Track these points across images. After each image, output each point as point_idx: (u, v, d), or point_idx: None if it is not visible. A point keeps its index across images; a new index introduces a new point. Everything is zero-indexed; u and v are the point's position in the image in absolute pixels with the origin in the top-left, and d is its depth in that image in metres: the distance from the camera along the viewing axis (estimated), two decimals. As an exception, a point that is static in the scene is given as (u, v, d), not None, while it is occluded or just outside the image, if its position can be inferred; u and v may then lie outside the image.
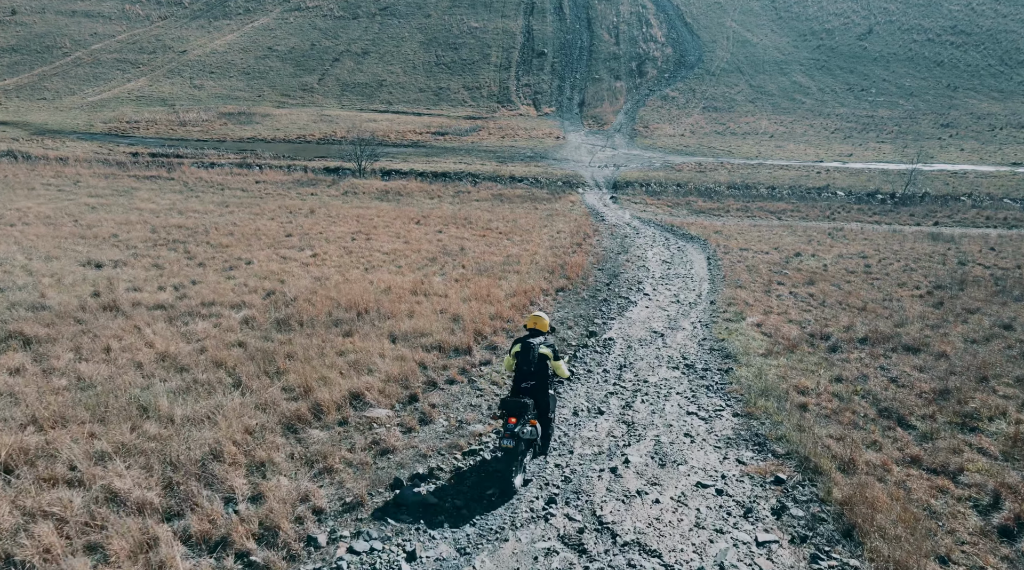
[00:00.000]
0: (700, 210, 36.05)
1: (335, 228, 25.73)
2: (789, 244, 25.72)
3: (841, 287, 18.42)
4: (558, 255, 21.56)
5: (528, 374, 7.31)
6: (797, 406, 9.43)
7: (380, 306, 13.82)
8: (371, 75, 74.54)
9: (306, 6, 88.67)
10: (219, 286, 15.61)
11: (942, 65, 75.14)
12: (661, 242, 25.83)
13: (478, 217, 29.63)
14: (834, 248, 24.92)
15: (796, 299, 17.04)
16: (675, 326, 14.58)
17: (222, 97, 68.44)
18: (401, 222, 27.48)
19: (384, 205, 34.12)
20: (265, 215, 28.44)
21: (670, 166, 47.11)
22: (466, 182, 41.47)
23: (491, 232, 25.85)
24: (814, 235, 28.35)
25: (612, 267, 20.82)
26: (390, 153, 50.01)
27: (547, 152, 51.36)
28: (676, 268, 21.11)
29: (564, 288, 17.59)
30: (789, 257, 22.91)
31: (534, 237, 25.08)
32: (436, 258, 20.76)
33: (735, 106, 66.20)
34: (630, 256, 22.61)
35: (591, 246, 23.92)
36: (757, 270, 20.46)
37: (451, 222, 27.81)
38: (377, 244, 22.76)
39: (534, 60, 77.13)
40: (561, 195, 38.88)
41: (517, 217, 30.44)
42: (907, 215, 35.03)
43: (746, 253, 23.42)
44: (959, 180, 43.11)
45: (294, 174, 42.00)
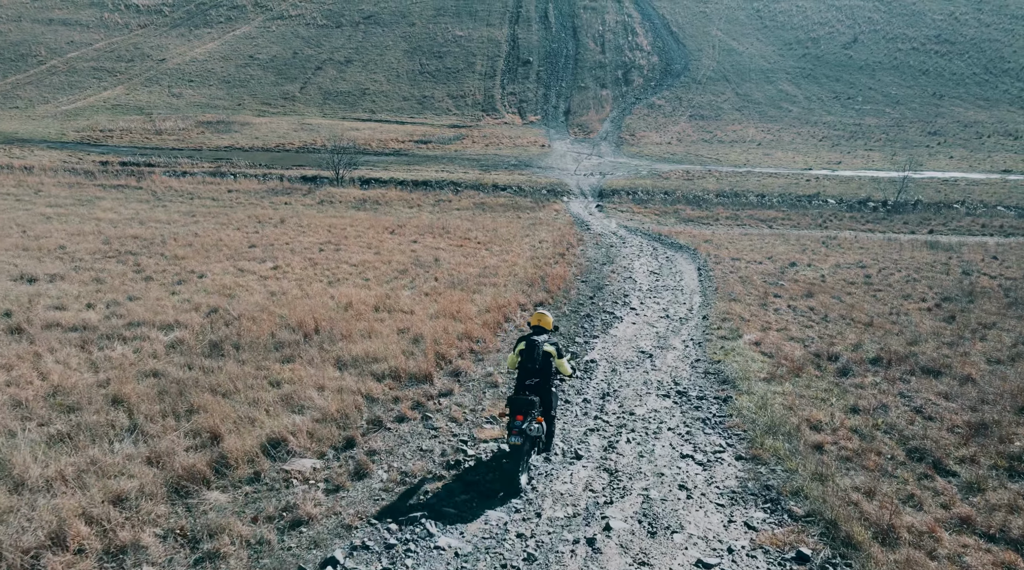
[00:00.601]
0: (689, 218, 34.68)
1: (303, 238, 24.08)
2: (783, 253, 24.33)
3: (842, 300, 16.97)
4: (539, 266, 20.02)
5: (532, 371, 7.26)
6: (811, 446, 7.88)
7: (334, 325, 12.19)
8: (354, 83, 73.01)
9: (289, 15, 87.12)
10: (158, 303, 13.93)
11: (927, 73, 74.63)
12: (649, 252, 24.36)
13: (457, 226, 28.07)
14: (830, 257, 23.55)
15: (795, 313, 15.56)
16: (665, 345, 13.05)
17: (201, 106, 66.63)
18: (375, 232, 25.87)
19: (360, 214, 32.50)
20: (231, 225, 26.74)
21: (657, 174, 45.81)
22: (447, 191, 39.93)
23: (469, 242, 24.28)
24: (808, 244, 27.00)
25: (596, 279, 19.29)
26: (370, 161, 48.42)
27: (532, 160, 49.96)
28: (665, 279, 19.62)
29: (544, 302, 16.03)
30: (784, 267, 21.49)
31: (514, 247, 23.54)
32: (407, 270, 19.16)
33: (722, 114, 65.18)
34: (616, 267, 21.11)
35: (574, 256, 22.41)
36: (751, 281, 19.00)
37: (428, 232, 26.23)
38: (346, 255, 21.14)
39: (519, 68, 75.93)
40: (545, 204, 37.42)
41: (498, 226, 28.91)
42: (901, 223, 33.81)
43: (738, 263, 21.98)
44: (950, 187, 42.06)
45: (269, 183, 40.28)
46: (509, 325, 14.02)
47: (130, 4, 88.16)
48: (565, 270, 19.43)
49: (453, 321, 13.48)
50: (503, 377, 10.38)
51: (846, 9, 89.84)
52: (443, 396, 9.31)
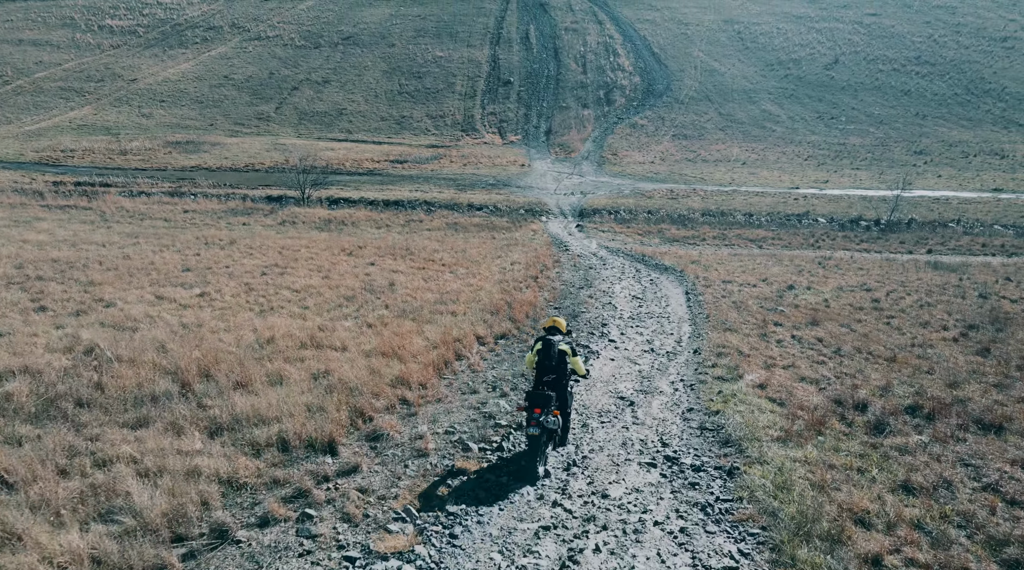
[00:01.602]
0: (674, 238, 32.40)
1: (248, 261, 21.44)
2: (777, 275, 21.99)
3: (853, 328, 14.56)
4: (507, 291, 17.51)
5: (549, 368, 7.52)
6: (865, 560, 5.34)
7: (235, 369, 9.57)
8: (331, 104, 70.75)
9: (266, 35, 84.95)
10: (30, 340, 11.27)
11: (909, 94, 73.64)
12: (631, 274, 21.93)
13: (423, 247, 25.55)
14: (830, 279, 21.22)
15: (802, 345, 13.12)
16: (650, 388, 10.54)
17: (171, 126, 64.01)
18: (330, 254, 23.27)
19: (321, 235, 29.92)
20: (173, 247, 24.05)
21: (640, 193, 43.66)
22: (419, 210, 37.48)
23: (433, 264, 21.75)
24: (803, 264, 24.71)
25: (572, 305, 16.79)
26: (342, 181, 45.96)
27: (510, 180, 47.71)
28: (649, 305, 17.16)
29: (507, 334, 13.49)
30: (781, 290, 19.11)
31: (482, 269, 21.03)
32: (355, 296, 16.57)
33: (705, 134, 63.47)
34: (594, 291, 18.64)
35: (548, 280, 19.92)
36: (747, 307, 16.58)
37: (389, 253, 23.68)
38: (290, 279, 18.52)
39: (500, 89, 74.09)
40: (522, 224, 35.03)
41: (468, 247, 26.43)
42: (897, 242, 31.71)
43: (730, 286, 19.59)
44: (943, 206, 40.23)
45: (230, 203, 37.64)
46: (462, 364, 11.46)
47: (104, 25, 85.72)
48: (535, 296, 16.91)
49: (391, 360, 10.91)
50: (436, 442, 7.81)
51: (826, 31, 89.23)
52: (344, 475, 6.69)
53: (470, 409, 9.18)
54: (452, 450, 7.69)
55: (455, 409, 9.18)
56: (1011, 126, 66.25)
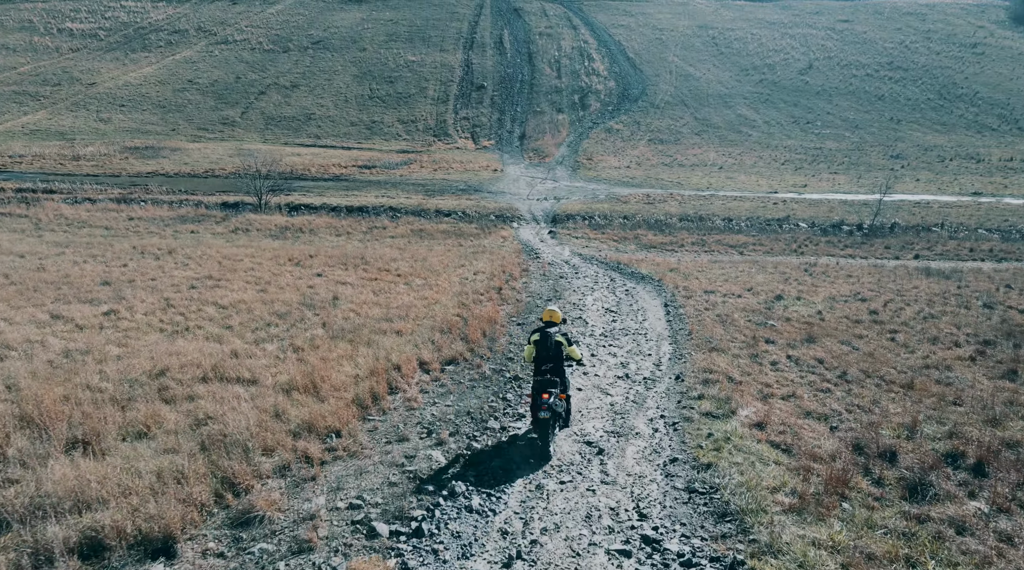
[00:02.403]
0: (651, 245, 30.54)
1: (180, 272, 19.08)
2: (763, 284, 20.13)
3: (855, 346, 12.67)
4: (465, 305, 15.41)
5: (547, 358, 7.91)
6: None
7: (74, 416, 7.33)
8: (299, 108, 68.17)
9: (233, 39, 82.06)
10: None
11: (883, 99, 72.94)
12: (605, 284, 19.94)
13: (381, 256, 23.34)
14: (820, 288, 19.40)
15: (801, 368, 11.17)
16: (623, 429, 8.50)
17: (130, 131, 61.00)
18: (275, 264, 20.98)
19: (274, 243, 27.59)
20: (102, 257, 21.59)
21: (616, 198, 41.84)
22: (384, 217, 35.24)
23: (387, 274, 19.57)
24: (788, 272, 22.91)
25: (536, 320, 14.74)
26: (306, 187, 43.58)
27: (482, 185, 45.64)
28: (624, 320, 15.15)
29: (457, 359, 11.38)
30: (769, 301, 17.22)
31: (442, 280, 18.90)
32: (290, 313, 14.35)
33: (681, 138, 61.98)
34: (564, 304, 16.60)
35: (513, 292, 17.84)
36: (733, 321, 14.64)
37: (341, 263, 21.44)
38: (222, 293, 16.23)
39: (473, 93, 72.06)
40: (492, 230, 32.96)
41: (431, 255, 24.27)
42: (882, 247, 30.16)
43: (713, 297, 17.66)
44: (924, 210, 38.93)
45: (182, 209, 35.09)
46: (395, 399, 9.33)
47: (63, 28, 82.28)
48: (496, 311, 14.81)
49: (306, 398, 8.76)
50: (331, 525, 5.66)
51: (800, 37, 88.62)
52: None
53: (391, 467, 7.05)
54: (351, 538, 5.54)
55: (371, 467, 7.03)
56: (984, 130, 65.75)
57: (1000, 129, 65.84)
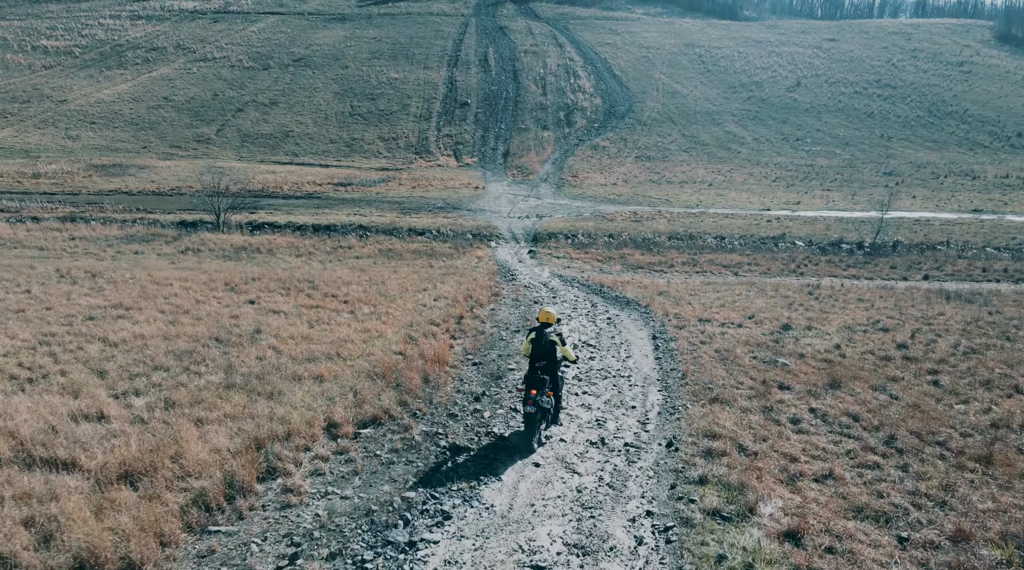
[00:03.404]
0: (638, 265, 27.89)
1: (88, 300, 16.17)
2: (765, 310, 17.44)
3: (892, 393, 9.96)
4: (413, 339, 12.64)
5: (541, 356, 8.04)
6: None
7: None
8: (277, 126, 65.60)
9: (212, 57, 79.62)
10: None
11: (873, 116, 71.23)
12: (585, 310, 17.21)
13: (334, 279, 20.53)
14: (831, 315, 16.72)
15: (831, 428, 8.43)
16: (591, 540, 5.73)
17: (99, 148, 58.18)
18: (205, 289, 18.10)
19: (222, 264, 24.72)
20: (10, 281, 18.65)
21: (601, 215, 39.30)
22: (352, 236, 32.48)
23: (333, 301, 16.75)
24: (791, 295, 20.26)
25: (497, 359, 11.97)
26: (275, 205, 40.84)
27: (461, 202, 43.03)
28: (604, 357, 12.41)
29: (381, 417, 8.57)
30: (775, 332, 14.52)
31: (395, 308, 16.11)
32: (193, 352, 11.52)
33: (669, 155, 59.79)
34: (533, 336, 13.82)
35: (476, 321, 15.08)
36: (735, 359, 11.92)
37: (284, 287, 18.59)
38: (120, 326, 13.36)
39: (456, 110, 69.79)
40: (467, 250, 30.24)
41: (393, 278, 21.47)
42: (887, 267, 27.66)
43: (709, 326, 14.94)
44: (925, 227, 36.62)
45: (133, 228, 32.22)
46: (270, 488, 6.49)
47: (38, 46, 79.64)
48: (447, 347, 12.03)
49: (127, 493, 5.93)
50: None
51: (787, 55, 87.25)
52: None
53: None
54: None
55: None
56: (976, 147, 64.03)
57: (992, 146, 64.14)
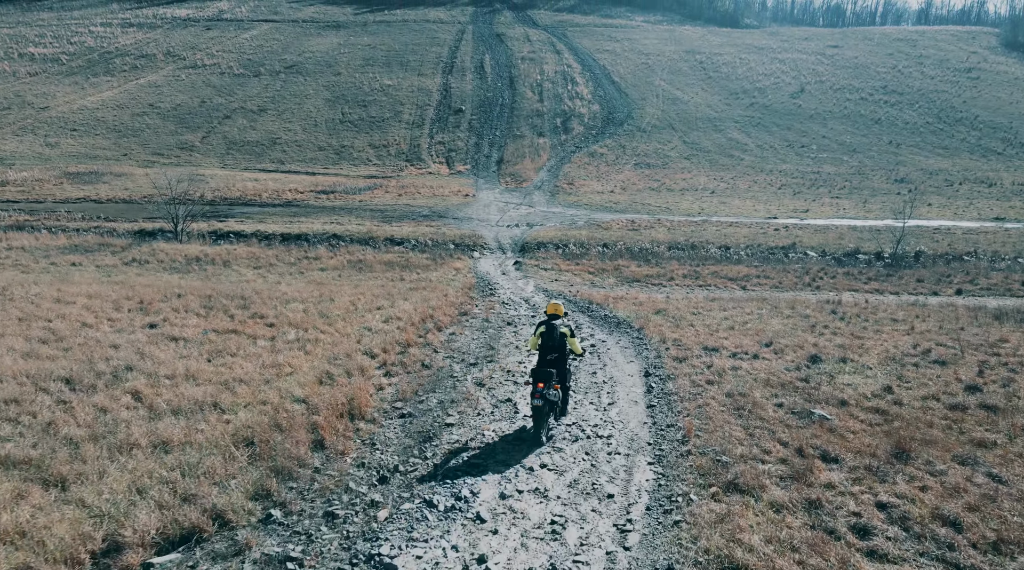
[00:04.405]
0: (634, 278, 24.73)
1: (-44, 323, 13.09)
2: (783, 334, 14.23)
3: (993, 473, 6.75)
4: (332, 378, 9.53)
5: (552, 348, 7.98)
6: None
7: None
8: (265, 133, 62.77)
9: (203, 64, 77.05)
10: None
11: (880, 122, 68.14)
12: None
13: (276, 295, 17.39)
14: (866, 341, 13.50)
15: (921, 548, 5.22)
16: None
17: (78, 156, 55.38)
18: (111, 308, 14.96)
19: (163, 278, 21.64)
20: None
21: (596, 224, 36.17)
22: (323, 246, 29.42)
23: (256, 324, 13.59)
24: (812, 315, 17.04)
25: (436, 407, 8.80)
26: (249, 213, 37.90)
27: (448, 211, 39.98)
28: (580, 403, 9.23)
29: (204, 531, 5.37)
30: (801, 365, 11.31)
31: (330, 333, 12.96)
32: (17, 400, 8.36)
33: (669, 162, 56.72)
34: (496, 369, 10.68)
35: (425, 351, 11.92)
36: (755, 408, 8.71)
37: (205, 306, 15.44)
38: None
39: (451, 117, 66.92)
40: (446, 261, 27.13)
41: (347, 293, 18.33)
42: (913, 280, 24.44)
43: (717, 358, 11.75)
44: (946, 236, 33.44)
45: (85, 237, 29.24)
46: None
47: (25, 53, 77.21)
48: (365, 394, 8.85)
49: None
50: None
51: (790, 62, 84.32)
52: None
53: None
54: None
55: None
56: (989, 154, 60.82)
57: (1006, 153, 60.92)
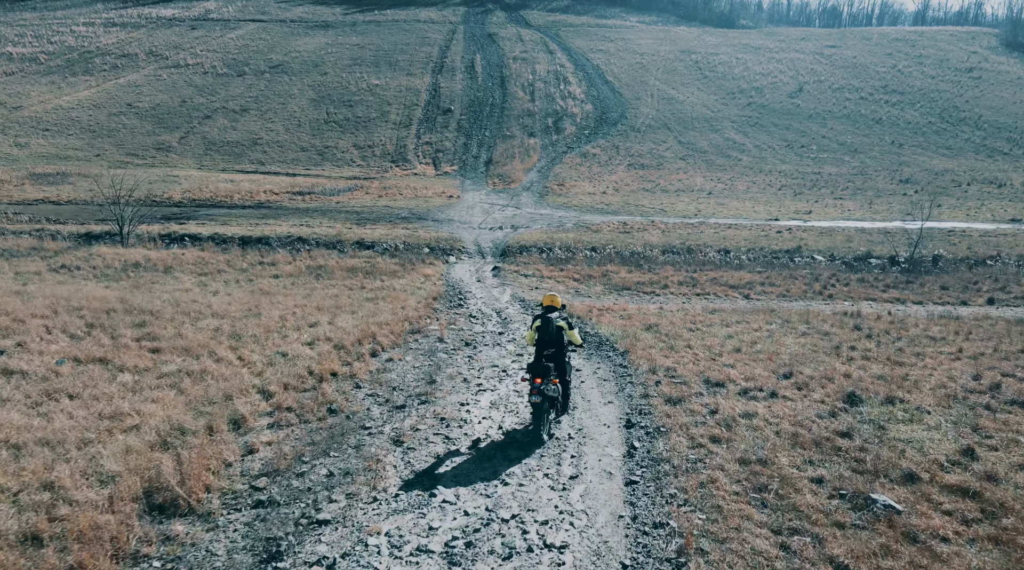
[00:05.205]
0: (623, 285, 21.82)
1: None
2: (802, 358, 11.30)
3: None
4: (183, 435, 6.53)
5: (549, 343, 7.77)
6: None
7: None
8: (246, 133, 59.86)
9: (185, 63, 74.17)
10: None
11: (881, 122, 65.41)
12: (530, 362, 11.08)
13: (195, 310, 14.46)
14: (909, 370, 10.55)
15: None
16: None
17: (47, 157, 52.46)
18: None
19: (91, 287, 18.68)
20: None
21: (585, 226, 33.30)
22: (285, 250, 26.52)
23: (135, 350, 10.63)
24: (832, 331, 14.12)
25: (325, 481, 5.83)
26: (216, 215, 35.05)
27: (429, 212, 37.08)
28: (531, 474, 6.27)
29: None
30: (836, 409, 8.38)
31: (230, 361, 10.02)
32: None
33: (664, 163, 53.88)
34: (428, 416, 7.73)
35: (345, 385, 8.98)
36: (787, 490, 5.78)
37: (88, 324, 12.49)
38: None
39: (439, 117, 64.06)
40: (416, 267, 24.20)
41: (281, 306, 15.40)
42: (936, 288, 21.56)
43: (724, 399, 8.82)
44: (962, 238, 30.69)
45: (18, 240, 26.28)
46: None
47: (3, 52, 74.23)
48: (210, 466, 5.90)
49: None
50: None
51: (787, 61, 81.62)
52: None
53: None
54: None
55: None
56: (996, 154, 58.10)
57: (1012, 153, 58.20)
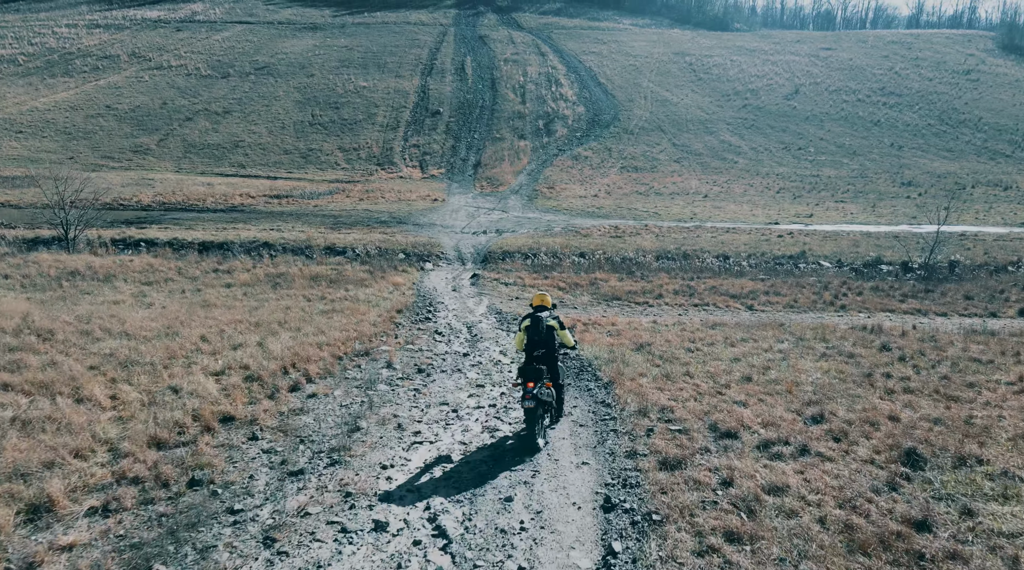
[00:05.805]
0: (613, 295, 19.51)
1: None
2: (831, 391, 8.98)
3: None
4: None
5: (539, 343, 7.30)
6: None
7: None
8: (227, 135, 57.48)
9: (168, 65, 71.84)
10: None
11: (880, 124, 63.43)
12: (494, 400, 8.77)
13: (103, 327, 12.11)
14: (966, 407, 8.26)
15: None
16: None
17: (18, 159, 49.98)
18: None
19: (10, 298, 16.31)
20: None
21: (574, 230, 31.02)
22: (246, 256, 24.18)
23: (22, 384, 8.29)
24: (856, 352, 11.82)
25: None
26: (181, 218, 32.66)
27: (410, 216, 34.76)
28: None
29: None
30: (894, 477, 6.06)
31: (97, 401, 7.65)
32: None
33: (658, 165, 51.72)
34: (333, 486, 5.36)
35: (236, 437, 6.61)
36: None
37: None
38: None
39: (427, 120, 61.80)
40: (388, 274, 21.85)
41: (215, 320, 13.04)
42: (959, 298, 19.32)
43: (738, 459, 6.50)
44: (979, 244, 28.57)
45: (-45, 248, 23.90)
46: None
47: (-19, 53, 71.96)
48: None
49: None
50: None
51: (783, 63, 79.69)
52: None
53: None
54: None
55: None
56: (998, 157, 56.09)
57: (1015, 155, 56.20)
